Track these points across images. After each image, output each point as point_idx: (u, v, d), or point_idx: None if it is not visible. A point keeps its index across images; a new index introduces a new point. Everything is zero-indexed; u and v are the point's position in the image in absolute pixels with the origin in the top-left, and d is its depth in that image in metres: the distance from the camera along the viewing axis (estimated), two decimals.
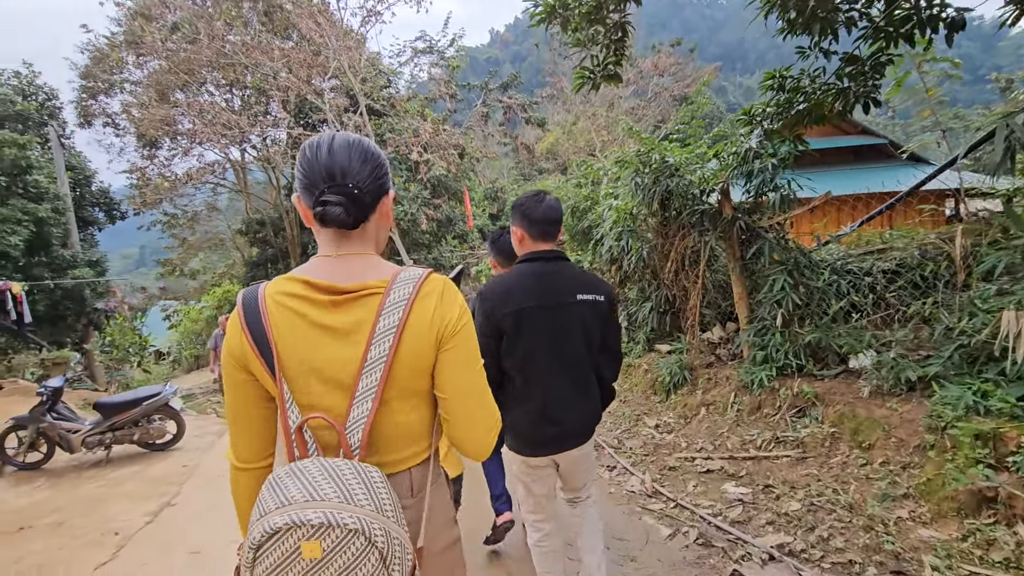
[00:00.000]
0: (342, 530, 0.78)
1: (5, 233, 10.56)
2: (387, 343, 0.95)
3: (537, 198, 1.86)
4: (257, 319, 0.96)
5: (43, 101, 15.67)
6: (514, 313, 1.73)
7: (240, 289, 14.96)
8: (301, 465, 0.87)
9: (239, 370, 0.99)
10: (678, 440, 4.08)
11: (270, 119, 14.37)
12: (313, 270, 1.00)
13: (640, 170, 4.63)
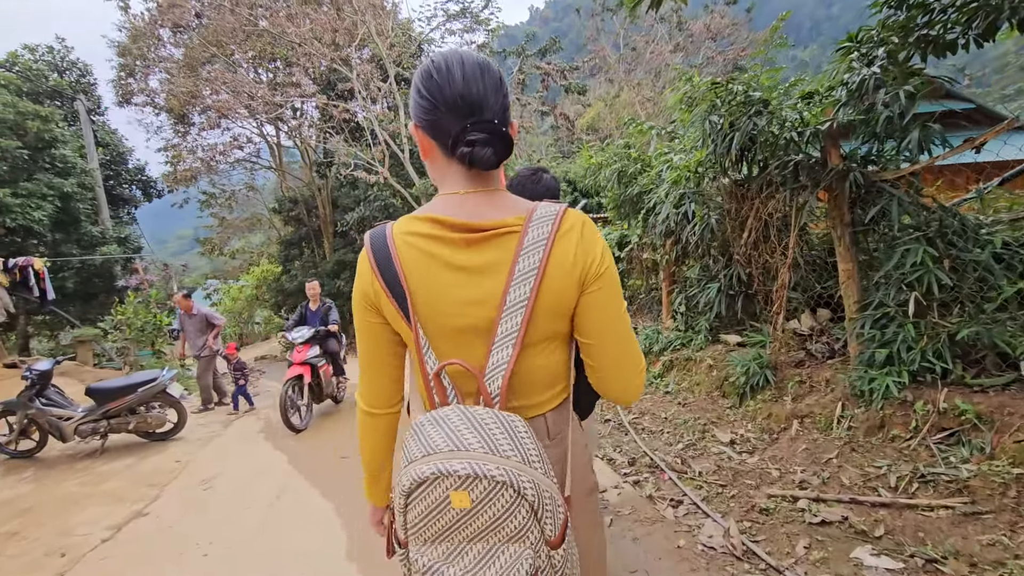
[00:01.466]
0: (489, 482, 0.74)
1: (30, 208, 10.34)
2: (528, 285, 0.87)
3: (535, 177, 1.83)
4: (388, 260, 0.89)
5: (78, 77, 15.56)
6: None
7: (277, 268, 14.66)
8: (442, 413, 0.83)
9: (370, 312, 0.95)
10: (765, 465, 3.06)
11: (297, 91, 13.70)
12: (443, 208, 0.91)
13: (717, 106, 3.54)
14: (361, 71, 12.79)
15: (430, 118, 0.89)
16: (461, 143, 0.86)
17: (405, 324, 0.90)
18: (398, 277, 0.88)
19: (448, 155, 0.91)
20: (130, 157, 17.07)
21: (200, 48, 15.53)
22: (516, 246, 0.88)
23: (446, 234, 0.88)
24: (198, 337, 7.25)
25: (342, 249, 18.00)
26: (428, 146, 0.94)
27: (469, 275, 0.89)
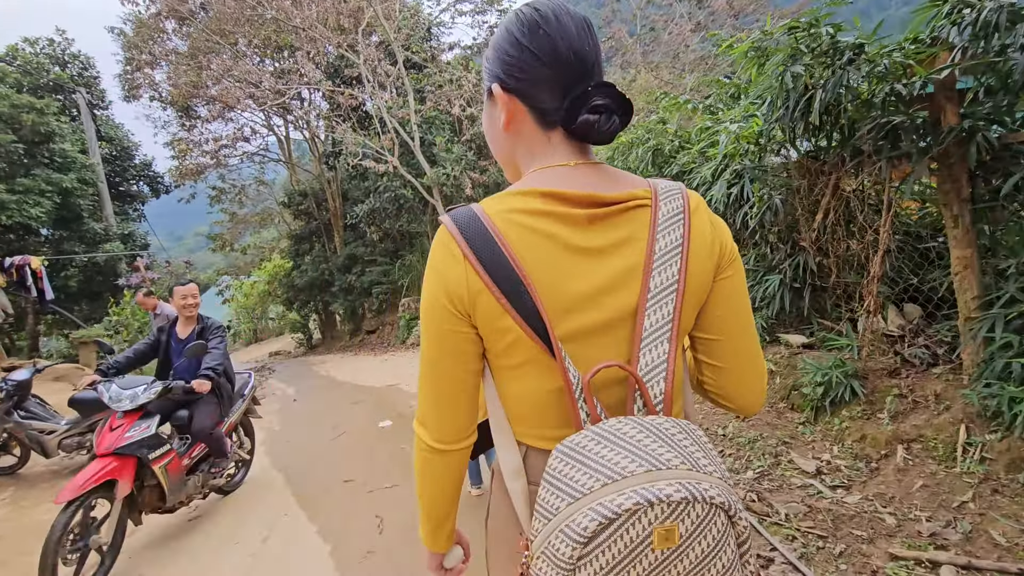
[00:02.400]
0: (704, 506, 0.59)
1: (27, 205, 9.93)
2: (674, 266, 0.72)
3: None
4: (489, 245, 0.69)
5: (80, 71, 15.17)
6: None
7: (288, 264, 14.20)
8: (610, 428, 0.65)
9: (455, 319, 0.73)
10: (873, 507, 2.41)
11: (303, 80, 13.13)
12: (552, 180, 0.74)
13: (801, 52, 2.83)
14: (368, 56, 12.18)
15: (530, 78, 0.75)
16: (584, 109, 0.72)
17: (520, 327, 0.70)
18: (510, 266, 0.69)
19: (546, 123, 0.77)
20: (137, 152, 16.70)
21: (204, 38, 15.05)
22: (651, 221, 0.74)
23: (566, 210, 0.71)
24: None
25: (353, 243, 17.53)
26: (516, 113, 0.79)
27: (595, 259, 0.72)
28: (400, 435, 5.04)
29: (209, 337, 3.56)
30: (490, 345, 0.75)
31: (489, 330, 0.73)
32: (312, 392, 8.58)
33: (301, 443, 5.38)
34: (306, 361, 15.55)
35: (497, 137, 0.84)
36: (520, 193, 0.73)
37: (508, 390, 0.77)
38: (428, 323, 0.75)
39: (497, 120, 0.81)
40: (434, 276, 0.74)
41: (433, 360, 0.77)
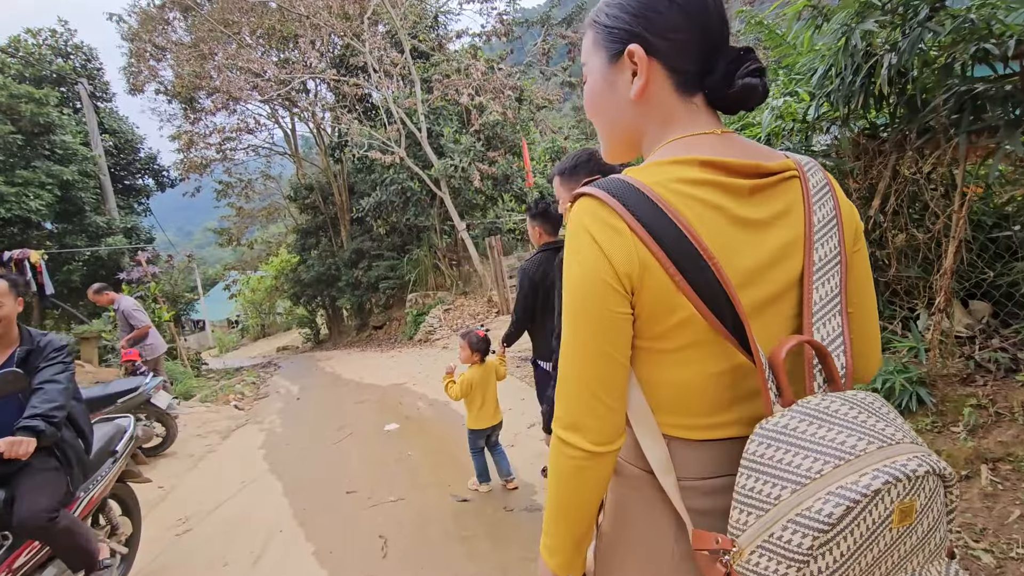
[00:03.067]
0: (935, 477, 0.58)
1: (27, 197, 9.70)
2: (833, 239, 0.72)
3: (595, 152, 1.74)
4: (660, 218, 0.65)
5: (83, 63, 14.94)
6: None
7: (294, 258, 13.89)
8: (813, 407, 0.62)
9: (618, 299, 0.67)
10: (963, 541, 2.04)
11: (308, 71, 12.80)
12: (709, 149, 0.70)
13: (870, 10, 2.43)
14: (374, 44, 11.82)
15: (679, 39, 0.71)
16: (743, 73, 0.71)
17: (695, 305, 0.65)
18: (686, 239, 0.64)
19: (686, 89, 0.73)
20: (142, 146, 16.48)
21: (207, 28, 14.76)
22: (803, 192, 0.72)
23: (729, 180, 0.68)
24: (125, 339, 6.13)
25: (359, 237, 17.25)
26: (654, 77, 0.72)
27: (759, 231, 0.69)
28: (405, 440, 4.72)
29: (40, 365, 2.18)
30: (647, 327, 0.69)
31: (654, 310, 0.67)
32: (316, 390, 8.30)
33: (302, 445, 5.08)
34: (312, 356, 15.32)
35: (619, 107, 0.77)
36: (677, 162, 0.69)
37: (659, 376, 0.72)
38: (586, 307, 0.68)
39: (622, 87, 0.75)
40: (591, 252, 0.67)
41: (593, 349, 0.69)
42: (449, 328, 11.76)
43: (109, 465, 2.55)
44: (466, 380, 3.21)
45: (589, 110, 0.82)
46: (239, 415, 6.80)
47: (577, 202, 0.71)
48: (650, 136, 0.76)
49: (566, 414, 0.71)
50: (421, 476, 3.77)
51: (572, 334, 0.70)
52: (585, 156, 1.79)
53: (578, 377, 0.70)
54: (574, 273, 0.69)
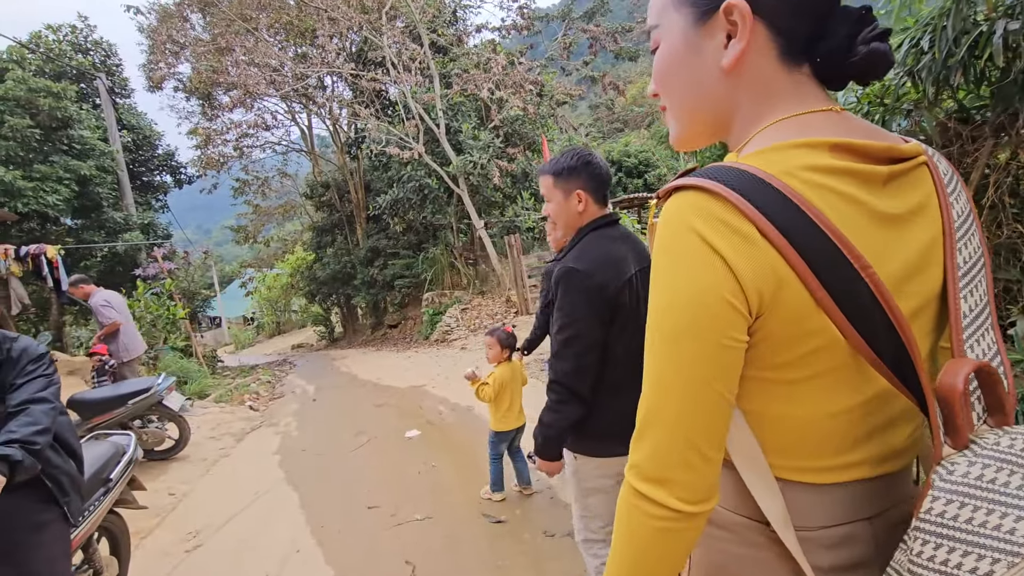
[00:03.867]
0: None
1: (44, 192, 9.62)
2: (974, 239, 0.61)
3: (594, 155, 1.68)
4: (798, 219, 0.52)
5: (103, 59, 14.92)
6: (628, 283, 1.53)
7: (310, 256, 13.85)
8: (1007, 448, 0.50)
9: (741, 325, 0.55)
10: None
11: (325, 67, 12.63)
12: (833, 130, 0.58)
13: None
14: (392, 38, 11.60)
15: None
16: (868, 37, 0.58)
17: (840, 326, 0.53)
18: (833, 247, 0.52)
19: (792, 57, 0.61)
20: (160, 142, 16.46)
21: (225, 23, 14.67)
22: (936, 182, 0.61)
23: (866, 167, 0.56)
24: None
25: (375, 235, 17.07)
26: (756, 41, 0.60)
27: (897, 229, 0.58)
28: (428, 449, 4.45)
29: (17, 381, 1.71)
30: (770, 355, 0.57)
31: (785, 335, 0.55)
32: (332, 391, 8.08)
33: (319, 452, 4.84)
34: (327, 355, 15.17)
35: (704, 79, 0.64)
36: (803, 146, 0.56)
37: (776, 411, 0.60)
38: (695, 332, 0.54)
39: (712, 54, 0.62)
40: (708, 264, 0.53)
41: (697, 385, 0.56)
42: (467, 328, 11.50)
43: (100, 497, 2.15)
44: (498, 379, 3.00)
45: (660, 83, 0.68)
46: (254, 416, 6.60)
47: (678, 197, 0.57)
48: (743, 116, 0.64)
49: (650, 464, 0.59)
50: (448, 491, 3.50)
51: (668, 365, 0.57)
52: (585, 157, 1.66)
53: (672, 419, 0.57)
54: (679, 289, 0.55)
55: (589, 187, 1.65)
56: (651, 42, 0.69)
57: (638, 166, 22.48)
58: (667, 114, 0.70)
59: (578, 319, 1.52)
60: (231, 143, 17.64)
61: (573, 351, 1.53)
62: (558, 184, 1.69)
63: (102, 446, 2.37)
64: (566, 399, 1.54)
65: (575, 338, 1.53)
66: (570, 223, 1.69)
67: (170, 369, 7.62)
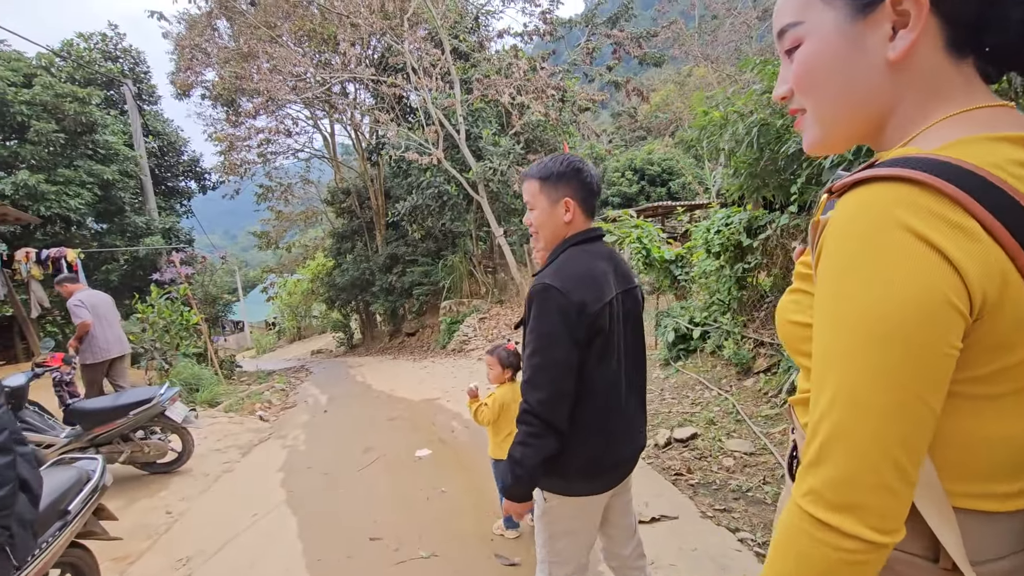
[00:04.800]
0: None
1: (67, 196, 9.69)
2: None
3: (584, 162, 1.54)
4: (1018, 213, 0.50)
5: (131, 66, 15.20)
6: (608, 304, 1.41)
7: (330, 262, 13.86)
8: None
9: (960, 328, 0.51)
10: None
11: (346, 69, 12.59)
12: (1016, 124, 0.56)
13: None
14: (414, 44, 11.49)
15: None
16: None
17: None
18: None
19: (958, 48, 0.58)
20: (185, 149, 16.69)
21: (250, 31, 14.79)
22: None
23: None
24: (119, 325, 5.82)
25: (395, 241, 16.98)
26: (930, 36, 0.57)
27: None
28: (439, 470, 4.16)
29: None
30: (976, 365, 0.53)
31: (1004, 340, 0.51)
32: (345, 401, 7.86)
33: (325, 470, 4.59)
34: (344, 362, 15.05)
35: (863, 74, 0.60)
36: (1002, 139, 0.54)
37: (968, 428, 0.55)
38: (909, 342, 0.50)
39: (875, 47, 0.59)
40: (925, 262, 0.49)
41: (907, 398, 0.51)
42: (485, 338, 11.23)
43: (55, 531, 1.92)
44: (498, 400, 2.71)
45: (805, 83, 0.64)
46: (263, 428, 6.39)
47: (873, 189, 0.52)
48: (905, 113, 0.60)
49: (838, 489, 0.52)
50: (458, 521, 3.19)
51: (867, 376, 0.51)
52: (576, 164, 1.52)
53: (869, 438, 0.51)
54: (887, 291, 0.49)
55: (578, 196, 1.51)
56: (785, 42, 0.66)
57: (661, 174, 22.06)
58: (807, 116, 0.67)
59: (554, 342, 1.36)
60: (254, 149, 17.78)
61: (549, 377, 1.36)
62: (545, 190, 1.54)
63: (64, 473, 2.13)
64: (540, 432, 1.37)
65: (551, 363, 1.36)
66: (554, 234, 1.54)
67: (182, 376, 7.51)
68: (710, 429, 4.09)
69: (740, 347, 5.17)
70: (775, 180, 4.53)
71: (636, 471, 1.68)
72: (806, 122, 0.68)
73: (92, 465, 2.26)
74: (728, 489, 3.11)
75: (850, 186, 0.54)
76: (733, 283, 5.33)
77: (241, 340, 35.77)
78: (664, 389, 5.45)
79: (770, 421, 3.98)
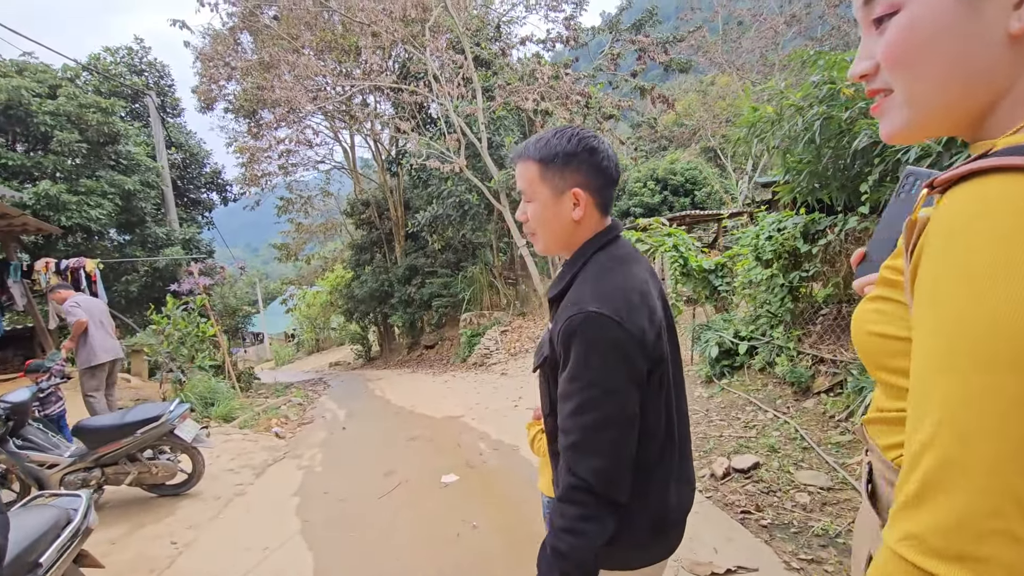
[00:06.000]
0: None
1: (88, 206, 9.62)
2: None
3: (600, 139, 1.13)
4: None
5: (156, 79, 15.35)
6: (659, 331, 1.06)
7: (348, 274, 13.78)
8: None
9: None
10: None
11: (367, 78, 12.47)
12: None
13: None
14: (435, 51, 11.31)
15: None
16: None
17: None
18: None
19: None
20: (207, 161, 16.78)
21: (273, 42, 14.84)
22: None
23: None
24: (111, 331, 5.76)
25: (414, 253, 16.75)
26: None
27: None
28: (467, 500, 3.76)
29: None
30: None
31: None
32: (364, 417, 7.52)
33: (342, 496, 4.22)
34: (363, 375, 14.76)
35: (983, 48, 0.51)
36: None
37: None
38: None
39: (995, 16, 0.49)
40: None
41: None
42: (507, 352, 10.83)
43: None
44: None
45: (902, 57, 0.55)
46: (278, 446, 6.07)
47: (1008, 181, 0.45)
48: (1019, 97, 0.52)
49: (947, 535, 0.44)
50: (493, 567, 2.79)
51: (997, 399, 0.44)
52: (588, 140, 1.11)
53: (993, 470, 0.43)
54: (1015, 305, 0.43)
55: (592, 186, 1.11)
56: (875, 7, 0.56)
57: (684, 184, 21.56)
58: (893, 98, 0.58)
59: (614, 391, 0.98)
60: (275, 161, 17.82)
61: (608, 440, 0.99)
62: (547, 176, 1.12)
63: (39, 516, 1.79)
64: (596, 513, 0.98)
65: (611, 420, 0.99)
66: (558, 236, 1.14)
67: (197, 390, 7.25)
68: (773, 457, 3.63)
69: (796, 364, 4.70)
70: (838, 179, 4.10)
71: (694, 506, 1.31)
72: (889, 104, 0.59)
73: (75, 504, 1.92)
74: (811, 533, 2.65)
75: (960, 178, 0.48)
76: (786, 293, 4.88)
77: (261, 352, 35.91)
78: (709, 409, 4.98)
79: (844, 450, 3.51)
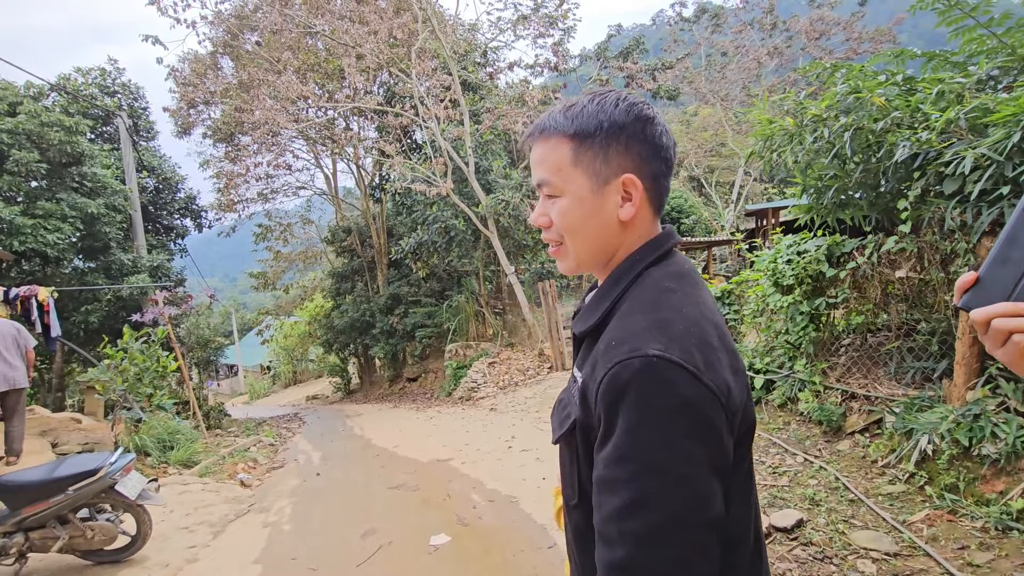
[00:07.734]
0: None
1: (44, 230, 8.92)
2: None
3: (654, 108, 0.78)
4: None
5: (129, 101, 14.80)
6: (745, 385, 0.73)
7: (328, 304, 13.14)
8: None
9: None
10: None
11: (351, 102, 12.13)
12: None
13: None
14: (421, 71, 11.04)
15: None
16: None
17: None
18: None
19: None
20: (181, 186, 16.13)
21: (254, 66, 14.50)
22: None
23: None
24: (12, 358, 5.23)
25: (396, 281, 16.19)
26: None
27: None
28: (462, 568, 3.17)
29: None
30: None
31: None
32: (341, 461, 6.83)
33: (314, 563, 3.58)
34: (341, 410, 13.95)
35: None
36: None
37: None
38: None
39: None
40: None
41: None
42: (495, 385, 10.24)
43: None
44: None
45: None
46: (243, 496, 5.36)
47: None
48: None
49: None
50: None
51: None
52: (639, 109, 0.75)
53: None
54: None
55: (647, 171, 0.76)
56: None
57: (671, 212, 21.52)
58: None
59: (684, 479, 0.61)
60: (253, 186, 17.27)
61: (674, 558, 0.60)
62: (584, 157, 0.76)
63: None
64: None
65: (680, 526, 0.60)
66: (600, 245, 0.79)
67: (154, 432, 6.50)
68: (817, 512, 3.13)
69: (823, 400, 4.26)
70: (869, 196, 3.75)
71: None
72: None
73: None
74: None
75: None
76: (808, 322, 4.47)
77: (235, 385, 34.46)
78: None
79: (899, 503, 3.04)
